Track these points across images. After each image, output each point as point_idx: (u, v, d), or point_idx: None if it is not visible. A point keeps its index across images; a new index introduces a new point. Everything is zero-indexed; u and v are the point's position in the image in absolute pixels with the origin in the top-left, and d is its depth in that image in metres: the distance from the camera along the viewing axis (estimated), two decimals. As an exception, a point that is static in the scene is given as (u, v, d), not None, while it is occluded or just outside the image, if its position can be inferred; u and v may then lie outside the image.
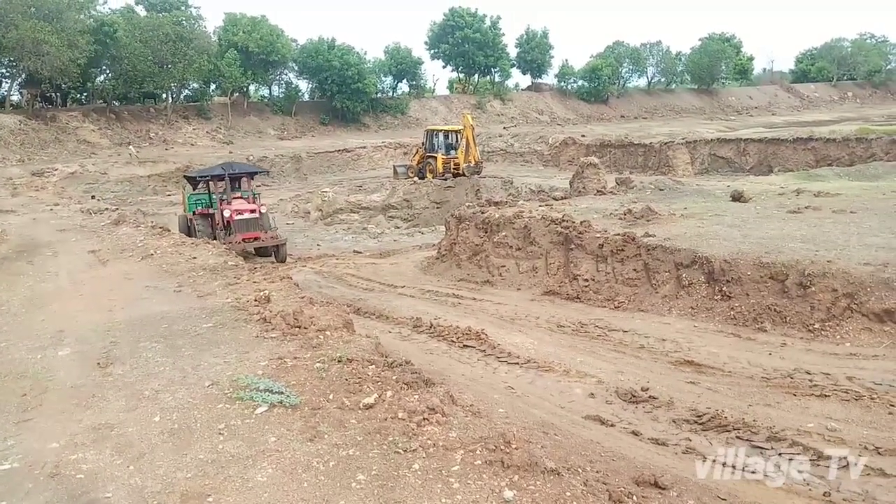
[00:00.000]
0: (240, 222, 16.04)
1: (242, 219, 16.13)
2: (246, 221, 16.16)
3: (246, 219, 16.21)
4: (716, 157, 31.86)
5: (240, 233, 15.89)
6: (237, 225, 15.96)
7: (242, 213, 16.23)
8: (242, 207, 16.34)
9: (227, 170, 17.18)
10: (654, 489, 4.23)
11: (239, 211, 16.18)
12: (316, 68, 46.34)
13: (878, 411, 5.31)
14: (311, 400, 4.58)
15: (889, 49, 75.18)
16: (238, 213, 16.11)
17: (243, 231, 16.02)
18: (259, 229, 16.19)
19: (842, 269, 7.70)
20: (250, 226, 16.25)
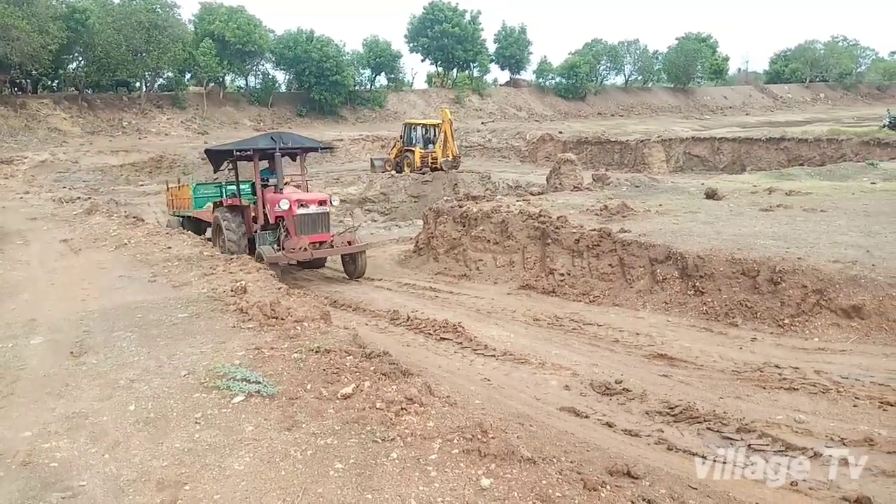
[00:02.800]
0: (303, 219, 11.50)
1: (307, 214, 11.50)
2: (312, 218, 11.57)
3: (312, 214, 11.56)
4: (690, 155, 32.27)
5: (304, 235, 11.42)
6: (300, 223, 11.44)
7: (307, 204, 11.54)
8: (306, 197, 11.81)
9: (278, 142, 11.91)
10: (627, 478, 4.30)
11: (302, 202, 11.51)
12: (294, 60, 46.00)
13: (844, 404, 5.45)
14: (288, 390, 4.58)
15: (860, 52, 76.68)
16: (300, 205, 11.45)
17: (308, 232, 11.50)
18: (328, 229, 11.98)
19: (811, 266, 7.86)
20: (318, 224, 11.71)
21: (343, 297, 10.76)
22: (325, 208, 11.95)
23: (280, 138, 12.18)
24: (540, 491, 3.41)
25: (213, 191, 14.97)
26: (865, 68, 76.18)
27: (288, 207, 11.41)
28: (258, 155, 12.05)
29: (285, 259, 11.24)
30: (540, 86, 61.91)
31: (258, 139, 12.54)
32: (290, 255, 11.32)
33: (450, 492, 3.38)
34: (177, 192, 16.38)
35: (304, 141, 13.49)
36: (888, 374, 5.95)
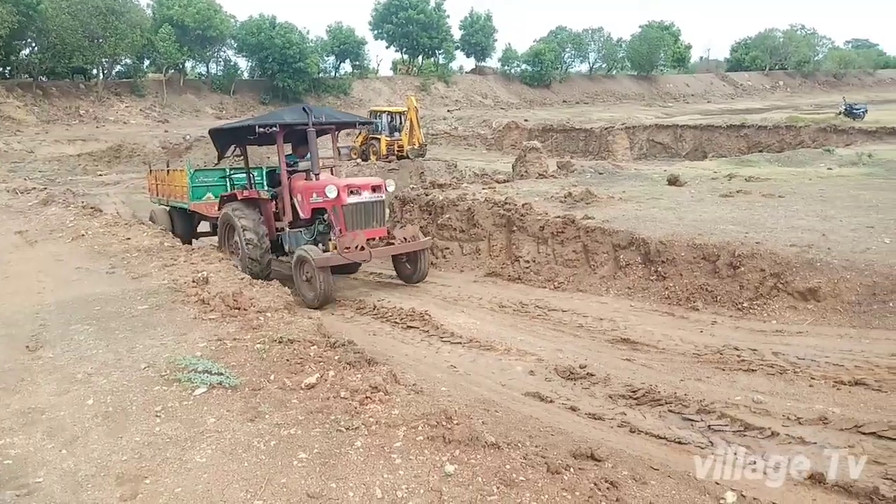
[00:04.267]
0: (356, 210, 9.28)
1: (360, 203, 9.30)
2: (366, 208, 9.40)
3: (366, 203, 9.40)
4: (654, 142, 32.70)
5: (358, 229, 9.26)
6: (352, 214, 9.25)
7: (359, 190, 9.33)
8: (358, 181, 9.58)
9: (311, 115, 9.67)
10: (591, 461, 4.35)
11: (353, 188, 9.30)
12: (256, 46, 45.34)
13: (801, 384, 5.59)
14: (251, 381, 4.54)
15: (817, 41, 78.40)
16: (351, 191, 9.25)
17: (362, 225, 9.36)
18: (383, 222, 9.87)
19: (769, 250, 8.04)
20: (372, 216, 9.53)
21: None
22: (379, 195, 9.59)
23: (311, 111, 9.92)
24: (504, 475, 3.44)
25: (214, 179, 12.71)
26: (822, 57, 77.91)
27: (336, 195, 9.01)
28: (283, 132, 9.74)
29: (341, 259, 8.91)
30: (505, 73, 62.02)
31: (283, 112, 10.64)
32: (348, 255, 8.87)
33: (414, 478, 3.39)
34: (165, 177, 14.02)
35: (340, 115, 11.37)
36: (842, 355, 6.11)
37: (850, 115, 30.71)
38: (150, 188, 15.25)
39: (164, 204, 14.06)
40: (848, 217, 9.88)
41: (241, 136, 10.50)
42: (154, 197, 14.91)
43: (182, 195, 12.71)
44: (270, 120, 9.83)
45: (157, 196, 14.61)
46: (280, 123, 9.68)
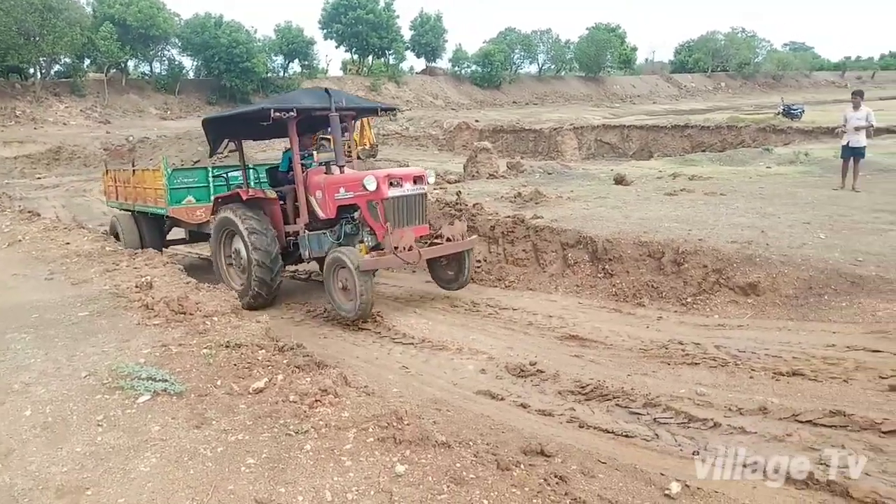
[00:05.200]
0: (398, 205, 8.12)
1: (402, 196, 8.14)
2: (408, 202, 8.25)
3: (408, 196, 8.23)
4: (601, 142, 33.26)
5: (401, 225, 8.09)
6: (395, 210, 8.08)
7: (400, 181, 8.15)
8: (399, 172, 8.39)
9: (334, 98, 8.55)
10: (541, 457, 4.43)
11: (394, 178, 8.11)
12: (202, 45, 44.42)
13: (741, 376, 5.78)
14: (197, 386, 4.45)
15: (757, 43, 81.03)
16: (393, 183, 8.07)
17: (405, 222, 8.19)
18: (425, 218, 8.68)
19: (711, 246, 8.29)
20: (415, 211, 8.38)
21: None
22: (421, 187, 8.39)
23: (333, 94, 8.65)
24: (454, 474, 3.46)
25: (195, 179, 11.07)
26: (762, 59, 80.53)
27: (375, 188, 7.83)
28: (295, 120, 8.41)
29: (389, 262, 7.88)
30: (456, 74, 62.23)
31: (298, 96, 9.01)
32: (402, 257, 7.79)
33: (364, 480, 3.38)
34: (129, 178, 12.04)
35: (360, 100, 9.99)
36: (780, 347, 6.34)
37: (788, 115, 31.81)
38: (106, 191, 13.35)
39: (127, 209, 12.32)
40: (786, 214, 10.26)
41: (239, 127, 9.52)
42: (112, 201, 13.10)
43: (156, 199, 11.05)
44: (286, 104, 8.40)
45: (116, 200, 12.80)
46: (298, 108, 8.34)
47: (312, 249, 8.79)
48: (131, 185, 11.95)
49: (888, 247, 8.20)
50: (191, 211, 10.86)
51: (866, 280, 7.19)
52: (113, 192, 12.94)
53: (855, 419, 4.72)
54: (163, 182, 10.67)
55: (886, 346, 6.08)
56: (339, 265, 7.95)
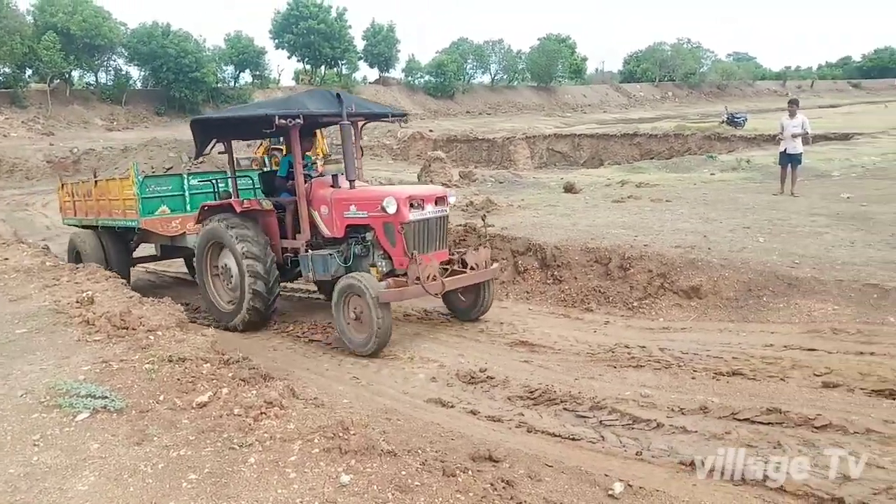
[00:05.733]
0: (418, 229, 7.35)
1: (422, 220, 7.39)
2: (428, 226, 7.50)
3: (429, 219, 7.50)
4: (553, 151, 33.77)
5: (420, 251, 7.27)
6: (414, 235, 7.31)
7: (421, 202, 7.41)
8: (420, 191, 7.78)
9: (345, 104, 7.81)
10: (489, 462, 4.48)
11: (415, 200, 7.38)
12: (149, 55, 43.56)
13: (684, 377, 5.94)
14: (139, 402, 4.36)
15: (702, 53, 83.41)
16: (413, 204, 7.33)
17: (424, 247, 7.43)
18: (445, 243, 7.94)
19: (656, 251, 8.50)
20: (435, 236, 7.62)
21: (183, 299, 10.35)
22: (443, 209, 7.70)
23: (343, 99, 7.88)
24: (399, 482, 3.47)
25: (169, 188, 10.11)
26: (707, 69, 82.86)
27: (395, 210, 7.11)
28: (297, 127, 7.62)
29: (411, 293, 7.19)
30: (409, 84, 62.39)
31: (303, 99, 7.96)
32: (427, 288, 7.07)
33: (308, 491, 3.36)
34: (92, 189, 10.96)
35: (369, 104, 9.05)
36: (721, 348, 6.54)
37: (731, 123, 32.80)
38: (62, 207, 12.38)
39: (88, 225, 11.36)
40: (727, 219, 10.59)
41: (230, 127, 8.81)
42: (70, 217, 12.13)
43: (124, 210, 10.10)
44: (292, 109, 7.53)
45: (75, 216, 11.83)
46: (305, 114, 7.53)
47: (317, 271, 7.91)
48: (93, 197, 10.95)
49: (823, 249, 8.54)
50: (165, 222, 9.93)
51: (802, 281, 7.48)
52: (70, 207, 11.97)
53: (790, 416, 4.89)
54: (133, 191, 9.72)
55: (821, 344, 6.33)
56: (352, 293, 7.17)
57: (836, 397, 5.22)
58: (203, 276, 8.92)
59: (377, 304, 6.87)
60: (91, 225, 11.25)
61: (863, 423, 4.71)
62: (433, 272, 7.20)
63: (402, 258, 7.35)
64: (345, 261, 7.83)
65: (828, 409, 4.97)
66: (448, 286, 7.33)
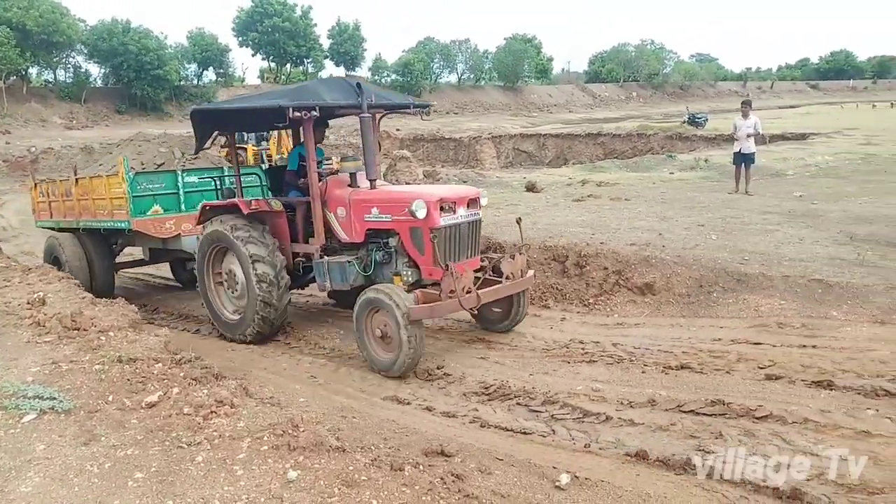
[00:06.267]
0: (449, 235, 6.66)
1: (454, 224, 6.70)
2: (460, 232, 6.80)
3: (461, 224, 6.80)
4: (519, 150, 34.00)
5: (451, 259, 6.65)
6: (445, 241, 6.62)
7: (453, 206, 6.74)
8: (451, 192, 6.99)
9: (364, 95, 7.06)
10: (441, 457, 4.54)
11: (446, 203, 6.69)
12: (109, 52, 42.74)
13: (635, 371, 6.08)
14: (87, 403, 4.34)
15: (665, 54, 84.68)
16: (444, 207, 6.66)
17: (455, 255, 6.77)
18: (478, 250, 7.24)
19: (612, 249, 8.67)
20: (467, 243, 6.94)
21: (165, 305, 10.24)
22: (476, 212, 7.02)
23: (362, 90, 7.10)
24: (346, 476, 3.52)
25: (162, 185, 9.41)
26: (670, 70, 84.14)
27: (426, 215, 6.46)
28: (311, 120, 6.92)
29: (445, 310, 6.48)
30: (376, 83, 62.13)
31: (319, 88, 7.17)
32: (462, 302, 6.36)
33: (255, 488, 3.39)
34: (72, 188, 10.11)
35: (389, 95, 8.38)
36: (672, 342, 6.70)
37: (692, 123, 33.41)
38: (35, 209, 11.50)
39: (68, 228, 10.51)
40: (683, 217, 10.82)
41: (233, 119, 8.20)
42: (44, 220, 11.21)
43: (111, 210, 9.29)
44: (306, 100, 6.76)
45: (51, 218, 10.92)
46: (321, 106, 6.81)
47: (333, 280, 7.22)
48: (74, 197, 10.05)
49: (772, 246, 8.80)
50: (158, 223, 9.14)
51: (751, 277, 7.70)
52: (45, 209, 11.05)
53: (733, 407, 5.06)
54: (123, 189, 8.90)
55: (766, 338, 6.54)
56: (377, 307, 6.46)
57: (777, 389, 5.40)
58: (205, 284, 8.19)
59: (407, 322, 6.15)
60: (70, 227, 10.42)
61: (801, 412, 4.89)
62: (468, 284, 6.47)
63: (431, 267, 6.68)
64: (364, 269, 7.16)
65: (769, 400, 5.15)
66: (484, 299, 6.57)
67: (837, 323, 6.72)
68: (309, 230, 7.59)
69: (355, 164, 7.53)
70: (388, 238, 7.08)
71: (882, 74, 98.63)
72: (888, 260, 8.15)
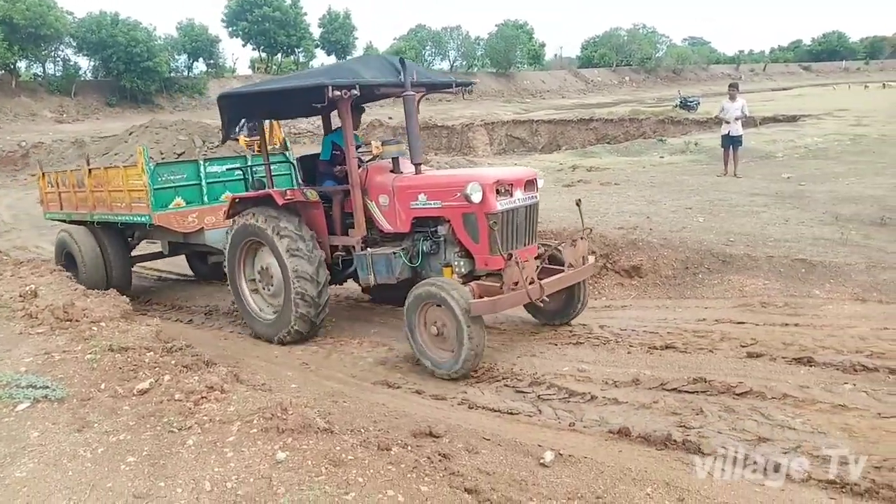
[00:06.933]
0: (507, 220, 6.16)
1: (511, 209, 6.20)
2: (518, 216, 6.30)
3: (518, 208, 6.29)
4: (512, 137, 33.99)
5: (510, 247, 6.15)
6: (504, 228, 6.12)
7: (510, 188, 6.22)
8: (508, 174, 6.39)
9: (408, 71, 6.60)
10: (429, 438, 4.65)
11: (503, 185, 6.17)
12: (98, 44, 42.45)
13: (620, 352, 6.18)
14: (80, 391, 4.43)
15: (657, 38, 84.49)
16: (500, 190, 6.13)
17: (513, 243, 6.27)
18: (535, 236, 6.72)
19: (600, 233, 8.76)
20: (525, 229, 6.45)
21: (159, 296, 10.31)
22: (534, 195, 6.51)
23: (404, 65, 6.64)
24: (334, 456, 3.62)
25: (185, 176, 8.82)
26: (663, 54, 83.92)
27: (481, 199, 5.98)
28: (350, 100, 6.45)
29: (510, 303, 6.05)
30: (368, 71, 61.83)
31: (356, 66, 6.72)
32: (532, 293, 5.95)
33: (245, 468, 3.49)
34: (84, 180, 9.56)
35: (430, 73, 7.80)
36: (657, 324, 6.81)
37: (684, 107, 33.45)
38: (44, 199, 10.96)
39: (80, 220, 9.97)
40: (671, 200, 10.93)
41: (264, 104, 7.72)
42: (54, 211, 10.70)
43: (130, 204, 8.79)
44: (344, 78, 6.31)
45: (61, 209, 10.42)
46: (361, 84, 6.34)
47: (378, 273, 6.75)
48: (87, 188, 9.51)
49: (758, 227, 8.92)
50: (181, 217, 8.64)
51: (735, 258, 7.82)
52: (55, 200, 10.49)
53: (714, 384, 5.16)
54: (143, 181, 8.38)
55: (749, 317, 6.65)
56: (432, 303, 5.96)
57: (758, 366, 5.52)
58: (236, 283, 7.72)
59: (468, 319, 5.64)
60: (82, 220, 9.92)
61: (780, 388, 5.01)
62: (531, 274, 6.01)
63: (487, 257, 6.18)
64: (410, 260, 6.73)
65: (749, 377, 5.26)
66: (548, 289, 6.11)
67: (819, 301, 6.85)
68: (347, 222, 7.21)
69: (398, 148, 7.04)
70: (436, 226, 6.59)
71: (874, 55, 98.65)
72: (871, 239, 8.28)
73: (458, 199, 6.09)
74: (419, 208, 6.54)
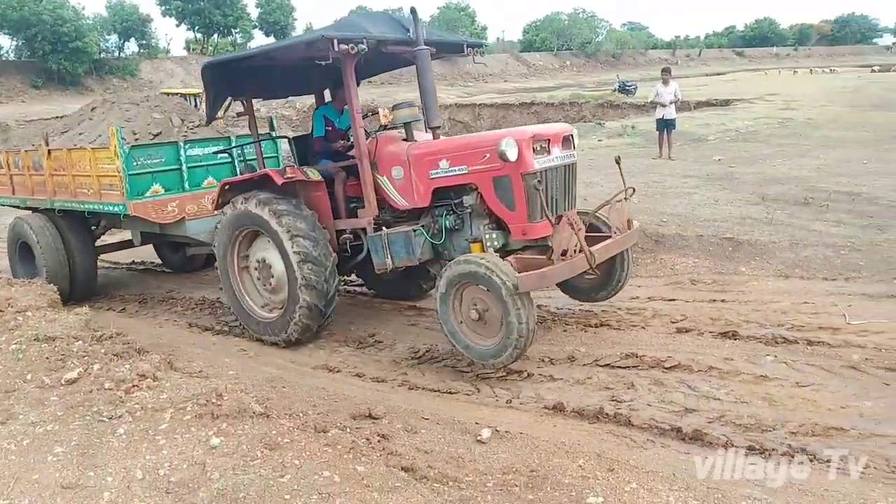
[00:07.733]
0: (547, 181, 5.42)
1: (550, 167, 5.46)
2: (556, 176, 5.58)
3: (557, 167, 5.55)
4: (455, 121, 34.01)
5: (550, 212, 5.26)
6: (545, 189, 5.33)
7: (548, 145, 5.48)
8: (545, 131, 5.58)
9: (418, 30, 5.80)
10: (368, 420, 4.68)
11: (540, 141, 5.42)
12: (21, 22, 40.49)
13: (557, 330, 6.32)
14: (4, 383, 4.30)
15: (597, 23, 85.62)
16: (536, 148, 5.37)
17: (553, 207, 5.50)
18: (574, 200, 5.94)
19: (538, 215, 8.88)
20: (566, 190, 5.75)
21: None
22: (571, 153, 5.77)
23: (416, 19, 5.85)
24: (269, 440, 3.62)
25: (162, 160, 7.75)
26: (602, 38, 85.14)
27: (517, 157, 5.25)
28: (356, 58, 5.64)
29: (559, 275, 5.26)
30: (308, 54, 60.83)
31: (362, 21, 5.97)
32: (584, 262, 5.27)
33: (178, 455, 3.45)
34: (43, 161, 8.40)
35: (440, 32, 7.13)
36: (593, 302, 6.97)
37: (623, 91, 34.15)
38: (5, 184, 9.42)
39: (37, 208, 8.87)
40: (608, 183, 11.13)
41: (254, 78, 6.80)
42: (5, 195, 9.46)
43: (99, 191, 7.78)
44: (351, 32, 5.53)
45: (13, 194, 9.23)
46: (369, 38, 5.58)
47: (396, 256, 5.97)
48: (47, 171, 8.35)
49: (690, 208, 9.21)
50: (160, 206, 7.65)
51: (667, 238, 8.07)
52: (6, 183, 9.24)
53: (645, 359, 5.35)
54: (117, 165, 7.35)
55: (680, 294, 6.90)
56: (470, 281, 5.20)
57: (686, 340, 5.74)
58: (230, 278, 6.88)
59: (514, 297, 4.90)
60: (41, 207, 8.78)
61: (706, 361, 5.23)
62: (580, 243, 5.24)
63: (525, 225, 5.44)
64: (432, 237, 6.01)
65: (678, 352, 5.46)
66: (599, 257, 5.42)
67: (745, 278, 7.15)
68: (352, 205, 6.51)
69: (411, 112, 6.18)
70: (461, 197, 5.81)
71: (802, 41, 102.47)
72: (795, 218, 8.67)
73: (489, 161, 5.39)
74: (441, 177, 5.76)
